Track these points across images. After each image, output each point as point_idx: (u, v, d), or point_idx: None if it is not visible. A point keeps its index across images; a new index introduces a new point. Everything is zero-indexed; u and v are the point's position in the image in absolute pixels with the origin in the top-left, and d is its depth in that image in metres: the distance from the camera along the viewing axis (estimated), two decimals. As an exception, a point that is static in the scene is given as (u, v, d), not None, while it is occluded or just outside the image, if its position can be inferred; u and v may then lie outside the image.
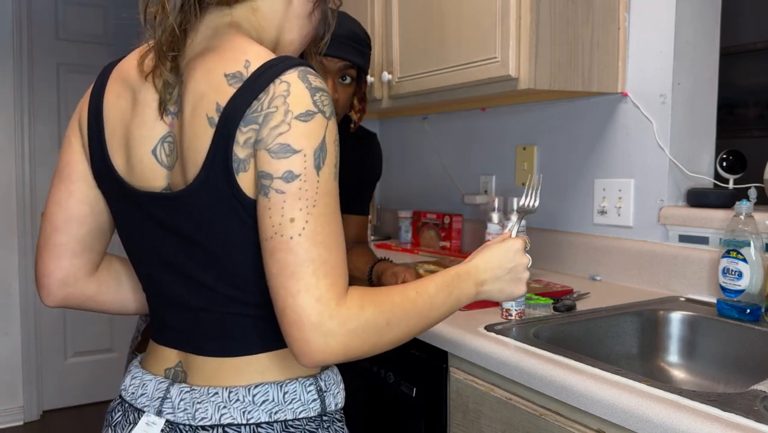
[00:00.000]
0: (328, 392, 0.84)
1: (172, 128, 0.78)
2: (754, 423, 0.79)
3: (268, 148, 0.71)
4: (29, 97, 3.33)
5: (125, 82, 0.83)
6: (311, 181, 0.71)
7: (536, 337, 1.19)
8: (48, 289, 0.90)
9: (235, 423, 0.78)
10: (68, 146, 0.89)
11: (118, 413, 0.87)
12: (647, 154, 1.63)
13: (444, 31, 1.71)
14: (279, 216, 0.70)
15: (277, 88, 0.71)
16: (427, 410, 1.37)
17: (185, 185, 0.76)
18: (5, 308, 3.28)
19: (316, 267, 0.70)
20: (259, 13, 0.81)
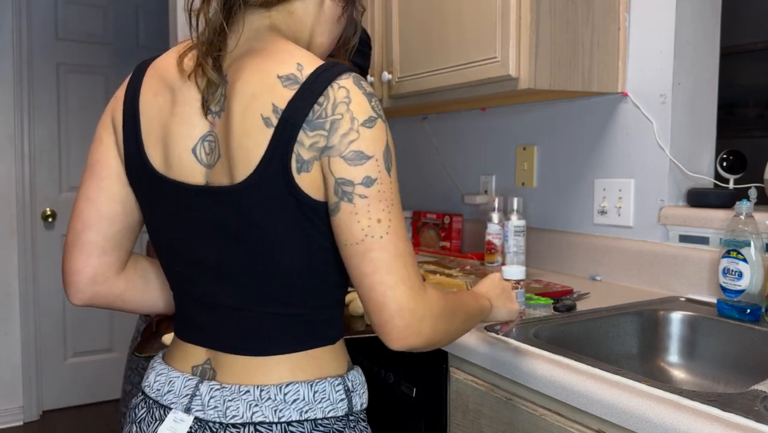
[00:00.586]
0: (355, 392, 0.86)
1: (213, 128, 0.80)
2: (755, 423, 0.79)
3: (342, 155, 0.75)
4: (29, 97, 3.33)
5: (163, 81, 0.84)
6: (386, 183, 0.76)
7: (536, 337, 1.19)
8: (77, 287, 0.89)
9: (266, 421, 0.79)
10: (99, 143, 0.88)
11: (142, 409, 0.87)
12: (647, 154, 1.63)
13: (444, 31, 1.71)
14: (367, 219, 0.75)
15: (336, 94, 0.75)
16: (427, 410, 1.37)
17: (231, 183, 0.77)
18: (5, 308, 3.28)
19: (404, 260, 0.77)
20: (294, 16, 0.84)
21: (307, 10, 0.85)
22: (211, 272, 0.83)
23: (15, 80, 3.27)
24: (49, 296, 3.44)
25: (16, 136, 3.30)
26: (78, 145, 3.50)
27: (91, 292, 0.90)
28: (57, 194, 3.46)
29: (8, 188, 3.28)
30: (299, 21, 0.85)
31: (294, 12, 0.84)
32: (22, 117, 3.31)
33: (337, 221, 0.77)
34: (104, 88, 3.55)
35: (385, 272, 0.75)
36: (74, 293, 0.90)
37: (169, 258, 0.88)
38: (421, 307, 0.77)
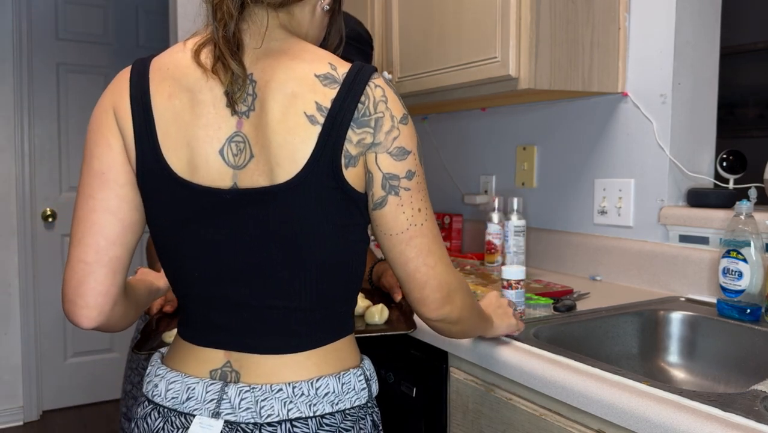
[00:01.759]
0: (372, 380, 0.90)
1: (241, 128, 0.79)
2: (755, 423, 0.79)
3: (389, 151, 0.80)
4: (29, 97, 3.33)
5: (177, 82, 0.81)
6: (421, 174, 0.83)
7: (536, 337, 1.19)
8: (100, 309, 0.84)
9: (302, 417, 0.81)
10: (108, 149, 0.83)
11: (157, 420, 0.85)
12: (647, 154, 1.63)
13: (444, 31, 1.71)
14: (410, 209, 0.82)
15: (374, 93, 0.80)
16: (427, 410, 1.37)
17: (272, 182, 0.78)
18: (5, 308, 3.28)
19: (439, 241, 0.86)
20: (294, 19, 0.86)
21: (304, 14, 0.88)
22: (238, 273, 0.82)
23: (15, 80, 3.27)
24: (49, 296, 3.44)
25: (16, 136, 3.30)
26: (78, 145, 3.50)
27: (109, 314, 0.85)
28: (57, 194, 3.46)
29: (8, 188, 3.28)
30: (298, 23, 0.87)
31: (294, 15, 0.86)
32: (22, 117, 3.31)
33: (382, 214, 0.82)
34: (104, 88, 3.54)
35: (427, 254, 0.84)
36: (91, 317, 0.84)
37: (185, 262, 0.85)
38: (454, 280, 0.87)
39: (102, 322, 0.85)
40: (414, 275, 0.84)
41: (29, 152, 3.35)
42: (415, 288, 0.85)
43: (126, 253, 0.84)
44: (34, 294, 3.39)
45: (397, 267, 0.85)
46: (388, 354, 1.49)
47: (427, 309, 0.86)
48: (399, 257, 0.84)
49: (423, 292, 0.85)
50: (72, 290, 0.83)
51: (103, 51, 3.53)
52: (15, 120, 3.28)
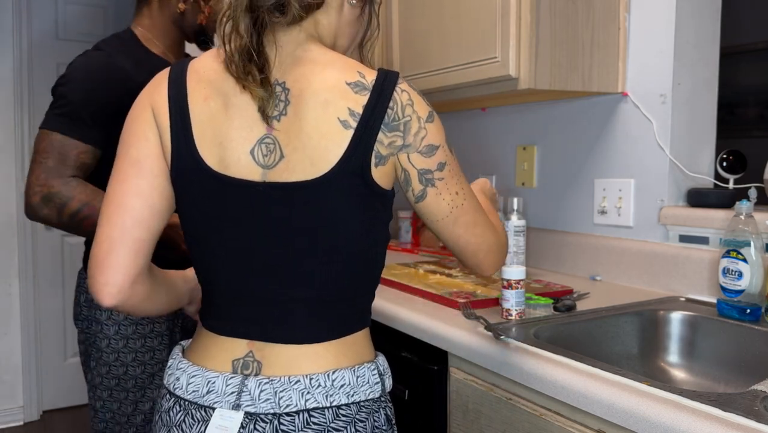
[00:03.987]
0: (385, 375, 0.93)
1: (271, 131, 0.84)
2: (755, 423, 0.79)
3: (419, 150, 0.87)
4: (29, 97, 3.33)
5: (213, 86, 0.87)
6: (452, 161, 0.91)
7: (536, 337, 1.19)
8: (120, 286, 0.86)
9: (319, 407, 0.84)
10: (145, 140, 0.88)
11: (178, 413, 0.88)
12: (647, 154, 1.63)
13: (444, 31, 1.71)
14: (449, 195, 0.90)
15: (401, 97, 0.86)
16: (420, 412, 1.37)
17: (305, 178, 0.83)
18: (5, 308, 3.29)
19: (480, 210, 0.95)
20: (320, 25, 0.90)
21: (330, 18, 0.91)
22: (264, 264, 0.87)
23: (15, 80, 3.27)
24: (49, 296, 3.44)
25: (17, 136, 3.30)
26: (78, 145, 3.50)
27: (129, 293, 0.87)
28: (57, 194, 3.46)
29: (8, 188, 3.28)
30: (324, 29, 0.91)
31: (319, 22, 0.90)
32: (22, 117, 3.31)
33: (426, 204, 0.91)
34: (104, 88, 3.55)
35: (473, 226, 0.94)
36: (111, 294, 0.86)
37: (214, 252, 0.89)
38: (499, 237, 0.99)
39: (121, 300, 0.87)
40: (467, 247, 0.95)
41: (29, 152, 3.35)
42: (470, 257, 0.97)
43: (150, 236, 0.88)
44: (35, 294, 3.39)
45: (450, 243, 0.96)
46: (388, 354, 1.49)
47: (483, 270, 0.99)
48: (451, 236, 0.94)
49: (477, 258, 0.97)
50: (95, 266, 0.86)
51: (103, 51, 3.53)
52: (15, 120, 3.28)
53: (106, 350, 1.46)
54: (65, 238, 3.48)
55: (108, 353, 1.46)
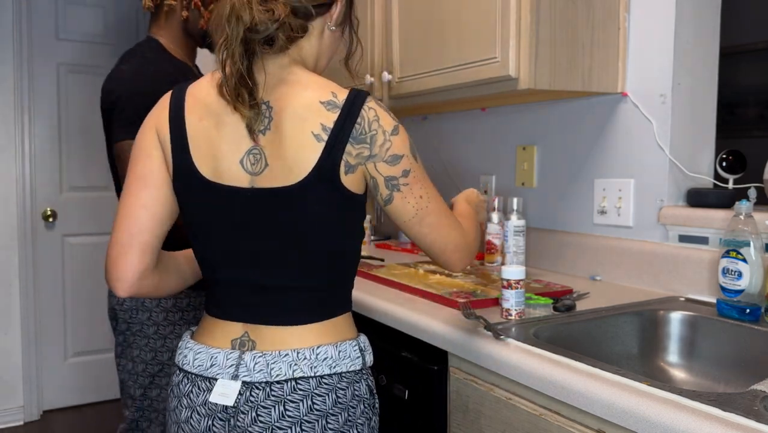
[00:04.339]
0: (366, 351, 1.07)
1: (258, 144, 0.98)
2: (754, 423, 0.79)
3: (384, 160, 0.99)
4: (29, 97, 3.34)
5: (206, 107, 1.01)
6: (416, 168, 1.02)
7: (536, 337, 1.20)
8: (131, 282, 1.03)
9: (305, 376, 0.98)
10: (148, 157, 1.03)
11: (186, 385, 1.04)
12: (647, 155, 1.64)
13: (444, 32, 1.71)
14: (413, 199, 1.01)
15: (368, 114, 0.98)
16: (420, 412, 1.37)
17: (285, 183, 0.96)
18: (5, 308, 3.29)
19: (446, 213, 1.06)
20: (303, 50, 1.04)
21: (312, 43, 1.05)
22: (257, 258, 1.01)
23: (15, 80, 3.27)
24: (49, 296, 3.45)
25: (17, 136, 3.30)
26: (78, 145, 3.50)
27: (138, 285, 1.04)
28: (57, 194, 3.46)
29: (9, 188, 3.28)
30: (306, 52, 1.05)
31: (302, 47, 1.04)
32: (22, 117, 3.31)
33: (393, 207, 1.02)
34: (104, 88, 3.55)
35: (438, 228, 1.04)
36: (124, 288, 1.03)
37: (212, 250, 1.05)
38: (465, 237, 1.09)
39: (133, 292, 1.04)
40: (433, 245, 1.06)
41: (29, 152, 3.36)
42: (438, 255, 1.08)
43: (154, 240, 1.04)
44: (35, 294, 3.39)
45: (419, 242, 1.07)
46: (380, 356, 1.49)
47: (452, 267, 1.10)
48: (417, 235, 1.05)
49: (445, 255, 1.08)
50: (110, 265, 1.03)
51: (104, 51, 3.54)
52: (15, 120, 3.28)
53: (153, 336, 1.57)
54: (66, 238, 3.48)
55: (155, 339, 1.57)
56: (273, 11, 0.96)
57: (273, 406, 0.98)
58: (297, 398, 0.98)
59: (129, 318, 1.58)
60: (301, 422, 0.98)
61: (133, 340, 1.59)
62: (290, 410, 0.98)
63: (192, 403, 1.02)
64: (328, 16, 1.06)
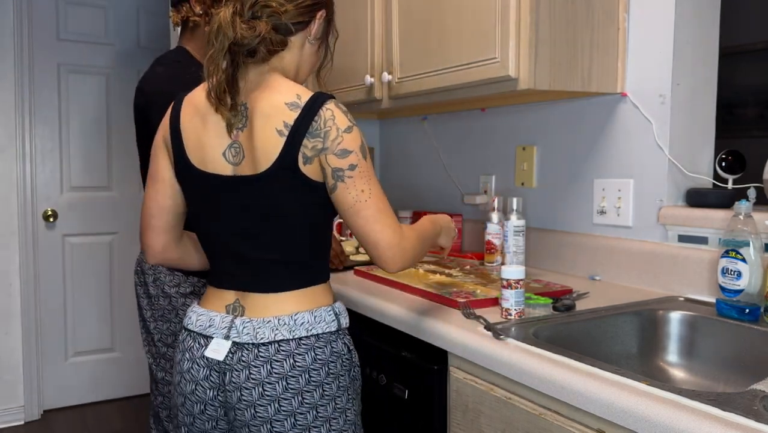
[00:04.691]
0: (341, 315, 1.22)
1: (237, 138, 1.15)
2: (754, 423, 0.79)
3: (334, 153, 1.12)
4: (30, 97, 3.34)
5: (196, 109, 1.20)
6: (363, 166, 1.14)
7: (536, 336, 1.20)
8: (152, 254, 1.30)
9: (285, 339, 1.15)
10: (155, 159, 1.26)
11: (188, 341, 1.22)
12: (646, 155, 1.64)
13: (444, 32, 1.71)
14: (355, 190, 1.13)
15: (325, 113, 1.12)
16: (419, 411, 1.37)
17: (255, 172, 1.13)
18: (6, 308, 3.29)
19: (384, 213, 1.15)
20: (284, 60, 1.20)
21: (293, 54, 1.21)
22: (240, 235, 1.18)
23: (16, 80, 3.27)
24: (50, 296, 3.45)
25: (18, 136, 3.30)
26: (79, 145, 3.50)
27: (162, 257, 1.31)
28: (58, 194, 3.46)
29: (9, 188, 3.29)
30: (288, 63, 1.21)
31: (284, 57, 1.20)
32: (23, 117, 3.31)
33: (336, 195, 1.14)
34: (105, 89, 3.55)
35: (373, 222, 1.13)
36: (150, 258, 1.31)
37: (206, 229, 1.24)
38: (401, 240, 1.15)
39: (159, 261, 1.32)
40: (366, 238, 1.15)
41: (30, 152, 3.36)
42: (371, 249, 1.16)
43: (164, 223, 1.28)
44: (35, 294, 3.39)
45: (356, 233, 1.16)
46: (379, 355, 1.49)
47: (385, 265, 1.16)
48: (354, 226, 1.15)
49: (377, 251, 1.15)
50: (141, 237, 1.31)
51: (104, 51, 3.54)
52: (16, 120, 3.29)
53: (174, 321, 1.70)
54: (66, 238, 3.48)
55: (176, 323, 1.70)
56: (255, 28, 1.12)
57: (262, 365, 1.14)
58: (280, 357, 1.14)
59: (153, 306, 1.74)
60: (286, 377, 1.14)
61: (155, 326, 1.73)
62: (276, 368, 1.14)
63: (192, 356, 1.20)
64: (308, 31, 1.21)
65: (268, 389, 1.14)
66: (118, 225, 3.62)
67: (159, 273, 1.72)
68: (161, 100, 1.59)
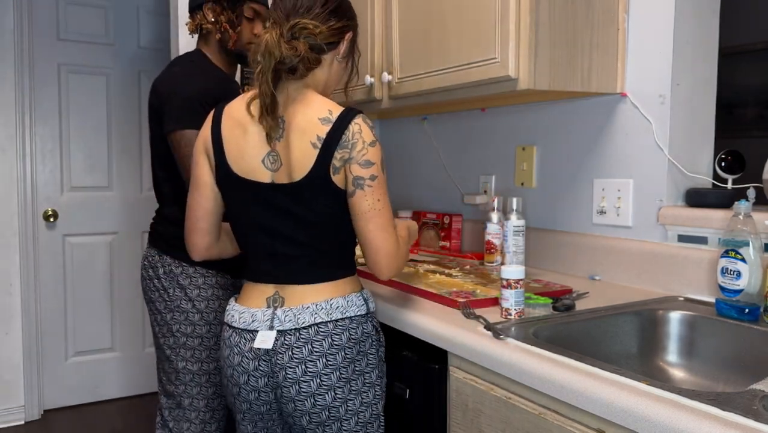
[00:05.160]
0: (369, 300, 1.37)
1: (274, 148, 1.28)
2: (753, 422, 0.79)
3: (359, 162, 1.26)
4: (30, 97, 3.34)
5: (236, 120, 1.33)
6: (381, 178, 1.28)
7: (535, 336, 1.20)
8: (197, 252, 1.45)
9: (323, 321, 1.28)
10: (197, 165, 1.39)
11: (234, 337, 1.34)
12: (646, 155, 1.64)
13: (444, 32, 1.72)
14: (372, 199, 1.27)
15: (353, 127, 1.26)
16: (421, 410, 1.37)
17: (291, 180, 1.27)
18: (6, 308, 3.29)
19: (392, 224, 1.30)
20: (315, 76, 1.33)
21: (323, 71, 1.35)
22: (277, 237, 1.31)
23: (17, 80, 3.27)
24: (50, 296, 3.45)
25: (18, 137, 3.30)
26: (79, 145, 3.51)
27: (207, 254, 1.46)
28: (59, 194, 3.46)
29: (10, 188, 3.29)
30: (318, 79, 1.35)
31: (315, 74, 1.33)
32: (23, 117, 3.31)
33: (353, 201, 1.27)
34: (105, 89, 3.55)
35: (381, 230, 1.28)
36: (196, 256, 1.45)
37: (246, 230, 1.36)
38: (398, 250, 1.31)
39: (203, 257, 1.46)
40: (371, 243, 1.28)
41: (31, 152, 3.36)
42: (372, 253, 1.29)
43: (207, 225, 1.42)
44: (36, 294, 3.39)
45: (361, 237, 1.29)
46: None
47: (380, 271, 1.30)
48: (363, 231, 1.28)
49: (378, 256, 1.29)
50: (185, 239, 1.45)
51: (104, 51, 3.54)
52: (16, 120, 3.29)
53: (192, 311, 1.75)
54: (66, 238, 3.49)
55: (193, 313, 1.75)
56: (296, 48, 1.25)
57: (303, 346, 1.27)
58: (320, 337, 1.28)
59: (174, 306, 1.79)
60: (325, 354, 1.28)
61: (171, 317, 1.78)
62: (316, 347, 1.28)
63: (241, 351, 1.32)
64: (337, 51, 1.36)
65: (310, 366, 1.28)
66: (119, 225, 3.62)
67: (170, 266, 1.77)
68: (174, 100, 1.70)
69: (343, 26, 1.35)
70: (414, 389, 1.41)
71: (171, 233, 1.76)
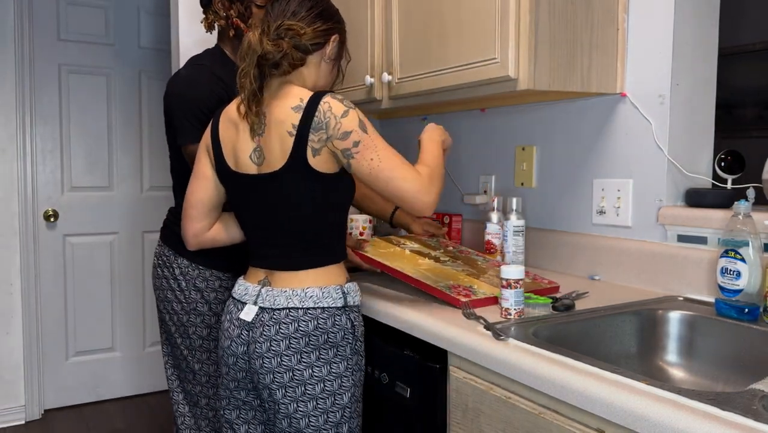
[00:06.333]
0: (349, 294, 1.40)
1: (259, 143, 1.37)
2: (753, 422, 0.79)
3: (337, 137, 1.30)
4: (31, 98, 3.34)
5: (230, 120, 1.43)
6: (365, 139, 1.31)
7: (535, 336, 1.20)
8: (187, 240, 1.54)
9: (295, 307, 1.36)
10: (198, 161, 1.51)
11: (230, 305, 1.47)
12: (646, 155, 1.64)
13: (444, 32, 1.72)
14: (365, 161, 1.31)
15: (323, 107, 1.31)
16: (422, 410, 1.37)
17: (273, 170, 1.34)
18: (7, 307, 3.29)
19: (399, 165, 1.32)
20: (302, 75, 1.41)
21: (310, 71, 1.42)
22: (267, 224, 1.40)
23: (17, 81, 3.27)
24: (50, 296, 3.45)
25: (19, 137, 3.30)
26: (79, 145, 3.51)
27: (196, 241, 1.54)
28: (59, 194, 3.46)
29: (10, 188, 3.29)
30: (306, 77, 1.41)
31: (302, 72, 1.41)
32: (24, 117, 3.32)
33: (354, 170, 1.33)
34: (106, 89, 3.55)
35: (392, 179, 1.31)
36: (187, 243, 1.55)
37: (244, 219, 1.47)
38: (423, 183, 1.32)
39: (195, 245, 1.55)
40: (393, 194, 1.32)
41: (31, 152, 3.36)
42: (404, 202, 1.33)
43: (198, 213, 1.51)
44: (36, 294, 3.40)
45: (382, 194, 1.34)
46: (382, 354, 1.49)
47: (415, 210, 1.33)
48: (378, 189, 1.33)
49: (406, 202, 1.32)
50: (182, 226, 1.55)
51: (105, 51, 3.54)
52: (17, 120, 3.29)
53: (207, 313, 1.78)
54: (67, 237, 3.49)
55: (209, 316, 1.78)
56: (279, 45, 1.33)
57: (272, 325, 1.36)
58: (288, 321, 1.36)
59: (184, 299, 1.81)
60: (289, 337, 1.35)
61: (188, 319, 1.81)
62: (282, 329, 1.36)
63: (231, 318, 1.44)
64: (323, 52, 1.42)
65: (274, 345, 1.36)
66: (119, 225, 3.62)
67: (186, 267, 1.79)
68: (177, 103, 1.73)
69: (329, 28, 1.42)
70: (414, 388, 1.41)
71: None
